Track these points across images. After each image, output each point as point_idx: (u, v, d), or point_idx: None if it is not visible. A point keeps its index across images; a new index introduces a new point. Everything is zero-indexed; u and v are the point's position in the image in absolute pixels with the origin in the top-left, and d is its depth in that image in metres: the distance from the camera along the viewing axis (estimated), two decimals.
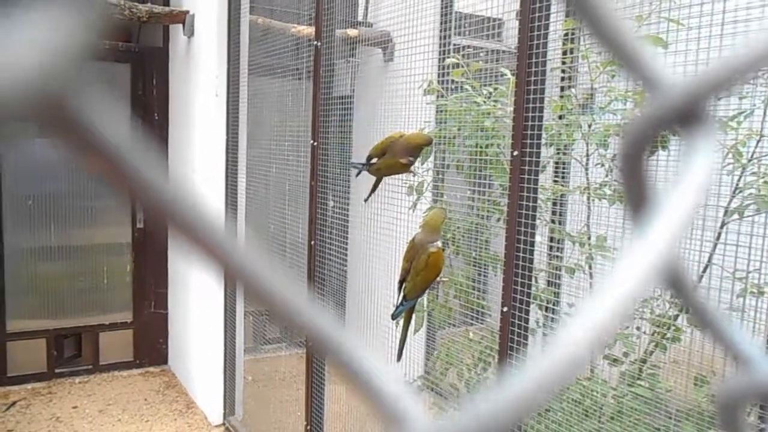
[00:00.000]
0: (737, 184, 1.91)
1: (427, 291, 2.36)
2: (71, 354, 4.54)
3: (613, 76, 2.06)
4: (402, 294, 2.32)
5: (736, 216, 1.88)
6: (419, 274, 2.23)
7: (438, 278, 2.32)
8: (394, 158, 2.30)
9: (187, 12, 4.00)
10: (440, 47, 2.79)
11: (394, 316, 2.39)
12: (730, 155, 1.90)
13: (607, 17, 0.29)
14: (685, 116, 0.30)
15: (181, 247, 0.17)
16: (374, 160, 2.41)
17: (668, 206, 0.27)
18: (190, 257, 0.18)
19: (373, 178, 2.55)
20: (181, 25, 4.05)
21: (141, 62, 4.51)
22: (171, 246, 4.64)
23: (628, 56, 0.30)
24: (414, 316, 2.44)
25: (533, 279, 1.92)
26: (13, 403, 4.04)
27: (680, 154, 0.31)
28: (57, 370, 4.43)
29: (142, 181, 0.16)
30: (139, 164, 0.16)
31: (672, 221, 0.26)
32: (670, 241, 0.26)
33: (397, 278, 2.39)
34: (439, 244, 2.24)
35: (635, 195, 0.31)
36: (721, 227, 1.91)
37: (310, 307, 0.20)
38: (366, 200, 2.65)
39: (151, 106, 4.57)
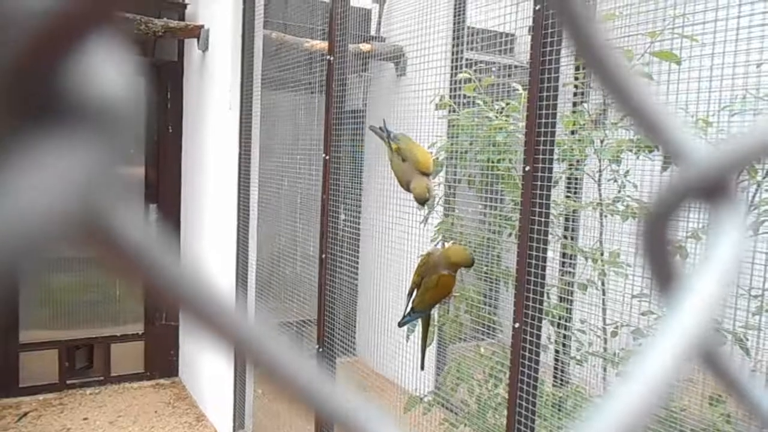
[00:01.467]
0: (752, 201, 1.89)
1: (435, 306, 2.37)
2: (83, 365, 4.56)
3: (628, 69, 2.05)
4: (410, 305, 2.32)
5: (751, 233, 1.86)
6: (428, 291, 2.23)
7: (448, 297, 2.32)
8: (409, 173, 2.28)
9: (202, 26, 4.05)
10: (452, 62, 2.80)
11: (400, 325, 2.40)
12: (745, 171, 1.88)
13: (633, 89, 0.29)
14: (712, 190, 0.29)
15: (194, 328, 0.19)
16: (395, 146, 2.35)
17: (698, 289, 0.26)
18: (202, 338, 0.19)
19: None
20: (195, 40, 4.09)
21: (156, 76, 4.56)
22: (182, 258, 4.65)
23: (653, 126, 0.30)
24: (430, 327, 2.44)
25: (545, 295, 1.90)
26: (25, 414, 4.06)
27: (707, 229, 0.30)
28: (68, 381, 4.44)
29: (158, 274, 0.17)
30: (155, 260, 0.17)
31: (702, 304, 0.26)
32: (702, 324, 0.25)
33: (407, 291, 2.39)
34: (453, 274, 2.23)
35: (660, 268, 0.30)
36: None
37: (323, 385, 0.20)
38: (371, 127, 2.58)
39: (166, 120, 4.62)
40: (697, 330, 0.25)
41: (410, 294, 2.33)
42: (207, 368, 4.16)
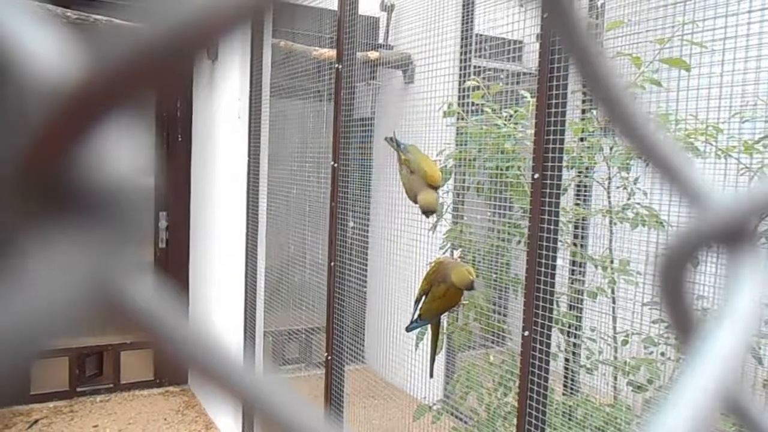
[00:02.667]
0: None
1: (442, 315, 2.36)
2: (93, 373, 4.57)
3: (638, 106, 2.04)
4: (418, 312, 2.32)
5: (763, 240, 1.84)
6: (436, 300, 2.22)
7: (455, 307, 2.32)
8: (418, 181, 2.28)
9: None
10: (460, 69, 2.80)
11: (408, 330, 2.39)
12: (757, 178, 1.87)
13: (648, 131, 0.28)
14: (730, 235, 0.29)
15: (206, 386, 0.20)
16: (404, 157, 2.36)
17: (717, 342, 0.26)
18: (211, 391, 0.20)
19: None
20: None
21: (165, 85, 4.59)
22: (192, 265, 4.68)
23: (669, 168, 0.29)
24: (440, 335, 2.44)
25: (555, 302, 1.89)
26: (36, 421, 4.07)
27: (725, 276, 0.29)
28: (78, 389, 4.46)
29: (171, 341, 0.18)
30: (165, 325, 0.18)
31: (721, 358, 0.25)
32: (722, 378, 0.24)
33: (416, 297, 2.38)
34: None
35: (679, 314, 0.30)
36: None
37: None
38: (386, 139, 2.54)
39: (175, 128, 4.65)
40: (717, 387, 0.24)
41: (418, 300, 2.33)
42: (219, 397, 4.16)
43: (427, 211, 2.26)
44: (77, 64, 0.14)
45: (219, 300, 4.11)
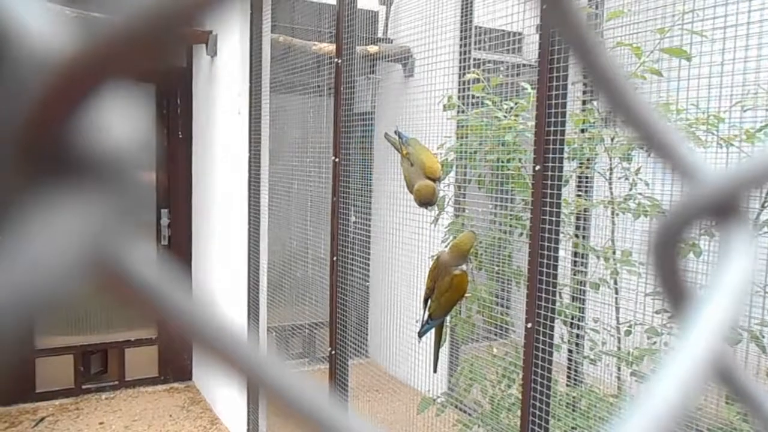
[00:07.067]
0: (766, 197, 1.87)
1: (452, 309, 2.35)
2: (98, 370, 4.59)
3: (635, 89, 2.04)
4: (427, 313, 2.30)
5: (765, 229, 1.84)
6: (443, 294, 2.21)
7: (462, 297, 2.31)
8: (419, 170, 2.28)
9: (210, 32, 4.06)
10: (460, 62, 2.79)
11: (421, 335, 2.38)
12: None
13: (641, 108, 0.28)
14: (721, 210, 0.29)
15: (207, 360, 0.19)
16: (405, 150, 2.37)
17: (709, 312, 0.26)
18: (215, 368, 0.20)
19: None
20: (204, 45, 4.11)
21: (165, 81, 4.59)
22: (194, 262, 4.68)
23: (662, 145, 0.30)
24: (443, 329, 2.44)
25: (557, 294, 1.89)
26: (42, 419, 4.09)
27: (717, 249, 0.30)
28: (84, 386, 4.48)
29: (171, 313, 0.18)
30: (166, 295, 0.18)
31: (713, 328, 0.26)
32: (713, 345, 0.25)
33: (420, 294, 2.38)
34: (464, 267, 2.22)
35: (672, 287, 0.30)
36: None
37: (336, 415, 0.20)
38: (386, 135, 2.56)
39: (175, 125, 4.64)
40: (708, 355, 0.24)
41: (426, 301, 2.32)
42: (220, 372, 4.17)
43: (423, 203, 2.25)
44: (72, 37, 0.14)
45: (222, 296, 4.12)
